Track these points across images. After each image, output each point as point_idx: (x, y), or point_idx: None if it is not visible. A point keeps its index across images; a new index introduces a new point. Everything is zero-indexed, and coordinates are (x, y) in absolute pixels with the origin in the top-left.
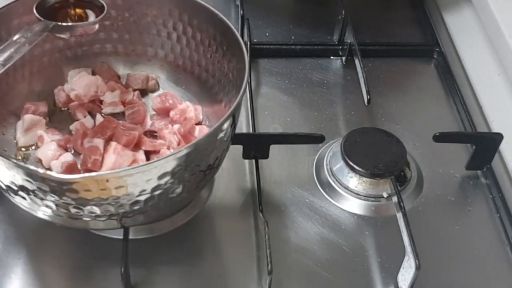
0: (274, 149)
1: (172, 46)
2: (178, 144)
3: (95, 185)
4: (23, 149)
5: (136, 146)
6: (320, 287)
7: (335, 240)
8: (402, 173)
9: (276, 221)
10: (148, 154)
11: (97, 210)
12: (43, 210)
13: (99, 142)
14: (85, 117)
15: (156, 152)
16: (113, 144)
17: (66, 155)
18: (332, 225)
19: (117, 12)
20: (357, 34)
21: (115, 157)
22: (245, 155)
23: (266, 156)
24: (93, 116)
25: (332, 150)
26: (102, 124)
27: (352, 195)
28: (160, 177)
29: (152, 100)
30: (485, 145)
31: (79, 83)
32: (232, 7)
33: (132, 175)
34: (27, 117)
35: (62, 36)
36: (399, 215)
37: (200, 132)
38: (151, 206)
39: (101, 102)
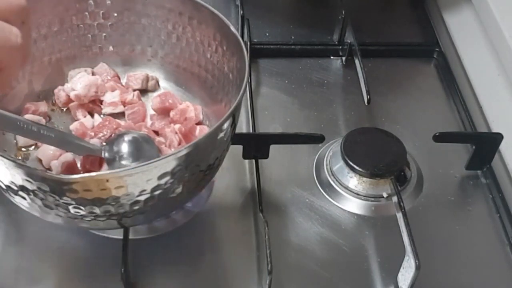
0: (274, 149)
1: (172, 46)
2: (179, 144)
3: (95, 185)
4: (23, 149)
5: None
6: (320, 287)
7: (335, 240)
8: (402, 173)
9: (276, 221)
10: None
11: (97, 210)
12: (43, 210)
13: (96, 142)
14: (85, 117)
15: None
16: None
17: (66, 155)
18: (332, 225)
19: (117, 12)
20: (357, 34)
21: None
22: (245, 155)
23: (266, 156)
24: (93, 116)
25: (332, 150)
26: (102, 124)
27: (352, 195)
28: (160, 177)
29: (152, 100)
30: (485, 145)
31: (79, 83)
32: (232, 7)
33: (132, 175)
34: (27, 117)
35: None
36: (399, 215)
37: (201, 132)
38: (151, 206)
39: (101, 102)
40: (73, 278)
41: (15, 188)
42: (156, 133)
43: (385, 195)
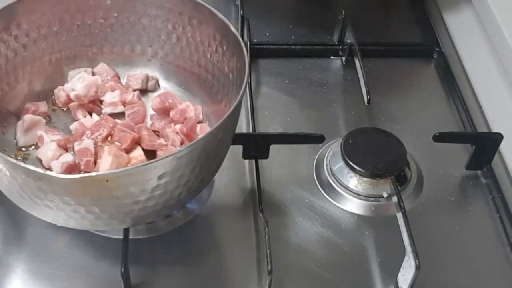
0: (274, 149)
1: (172, 46)
2: (182, 143)
3: (95, 185)
4: (23, 149)
5: (135, 143)
6: (320, 287)
7: (335, 240)
8: (402, 173)
9: (276, 221)
10: (147, 151)
11: (97, 210)
12: (43, 210)
13: (89, 143)
14: (85, 117)
15: (154, 151)
16: (106, 148)
17: (66, 155)
18: (332, 225)
19: (117, 12)
20: (357, 34)
21: (111, 158)
22: (245, 155)
23: (266, 156)
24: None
25: (332, 150)
26: (99, 123)
27: (352, 195)
28: (160, 177)
29: (152, 100)
30: (485, 145)
31: (79, 83)
32: (232, 7)
33: (132, 175)
34: (27, 117)
35: None
36: (399, 215)
37: (202, 130)
38: (151, 206)
39: (101, 102)
40: (73, 278)
41: (15, 188)
42: (157, 133)
43: (385, 195)
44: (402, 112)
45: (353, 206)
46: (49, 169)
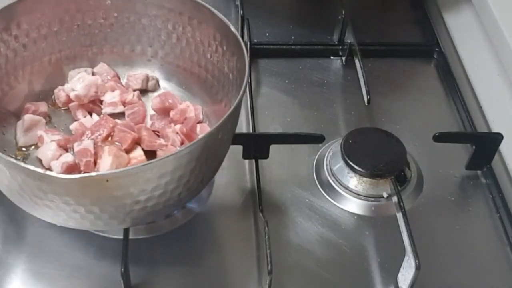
0: (274, 149)
1: (172, 46)
2: (182, 143)
3: (95, 185)
4: (23, 149)
5: (135, 143)
6: (320, 287)
7: (335, 240)
8: (402, 173)
9: (276, 221)
10: (147, 151)
11: (97, 210)
12: (43, 210)
13: (89, 144)
14: (85, 117)
15: (154, 151)
16: (106, 148)
17: (66, 155)
18: (332, 225)
19: (117, 12)
20: (357, 34)
21: (111, 159)
22: (245, 155)
23: (266, 156)
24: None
25: (332, 150)
26: (99, 123)
27: (352, 195)
28: (160, 177)
29: (152, 100)
30: (485, 145)
31: (79, 83)
32: (232, 7)
33: (132, 175)
34: (27, 117)
35: None
36: (399, 215)
37: (202, 130)
38: (151, 206)
39: (101, 102)
40: (73, 278)
41: (15, 188)
42: (157, 133)
43: (385, 195)
44: (402, 112)
45: (353, 206)
46: (49, 169)
